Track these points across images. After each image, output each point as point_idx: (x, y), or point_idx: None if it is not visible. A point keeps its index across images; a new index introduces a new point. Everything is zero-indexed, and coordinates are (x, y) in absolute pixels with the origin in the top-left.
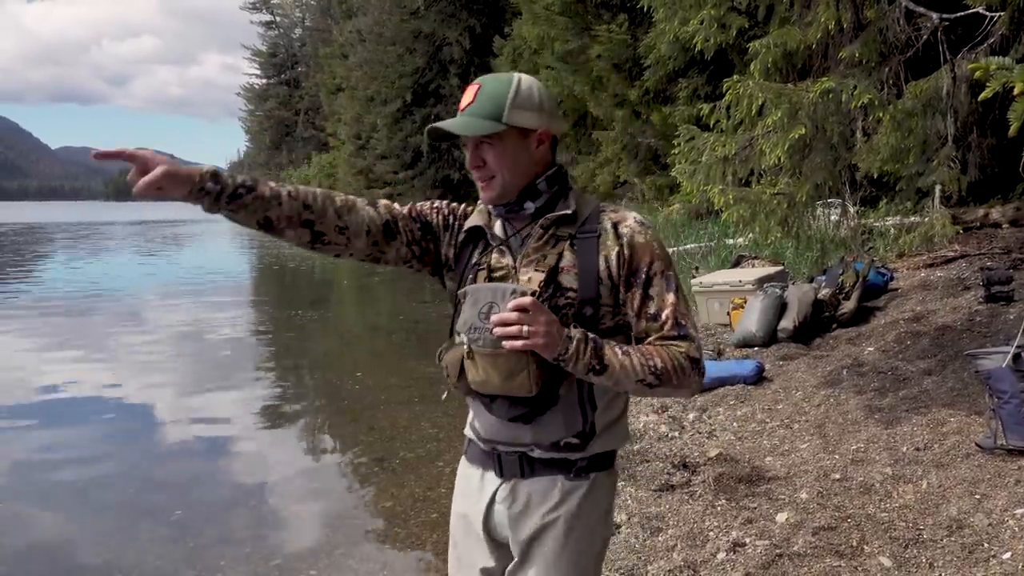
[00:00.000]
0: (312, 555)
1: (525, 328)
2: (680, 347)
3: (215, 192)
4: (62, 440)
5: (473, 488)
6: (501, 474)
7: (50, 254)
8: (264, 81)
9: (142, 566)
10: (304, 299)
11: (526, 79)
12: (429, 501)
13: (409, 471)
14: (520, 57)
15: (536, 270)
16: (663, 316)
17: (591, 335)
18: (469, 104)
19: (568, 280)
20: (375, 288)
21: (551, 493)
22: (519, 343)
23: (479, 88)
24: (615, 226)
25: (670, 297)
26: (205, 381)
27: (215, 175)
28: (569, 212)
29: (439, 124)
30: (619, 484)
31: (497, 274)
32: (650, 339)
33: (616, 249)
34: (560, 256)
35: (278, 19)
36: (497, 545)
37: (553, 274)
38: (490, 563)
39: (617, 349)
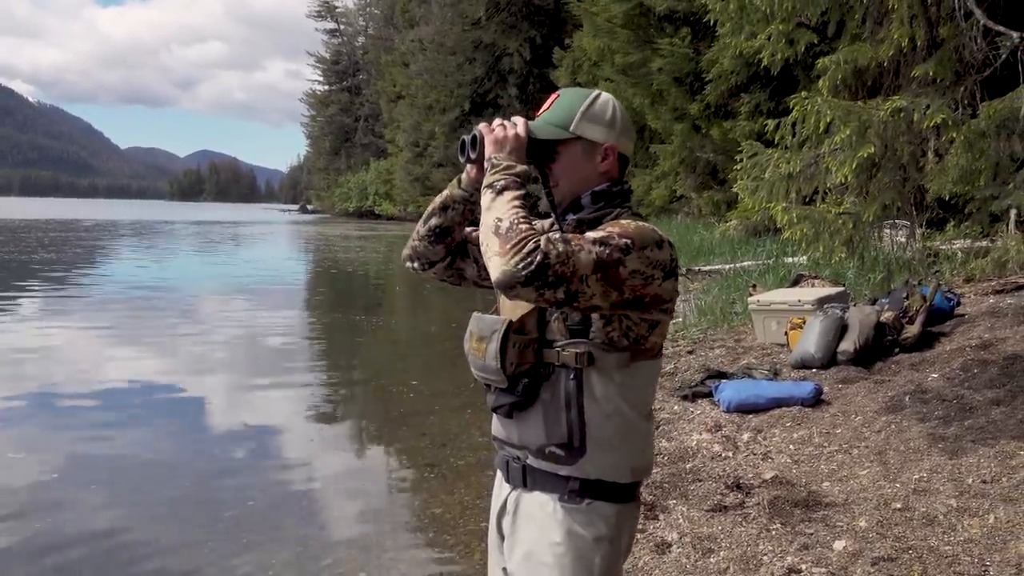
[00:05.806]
0: (362, 557)
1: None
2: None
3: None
4: (119, 433)
5: (495, 493)
6: (508, 480)
7: (121, 249)
8: (326, 87)
9: (195, 562)
10: (359, 304)
11: (605, 96)
12: (478, 509)
13: (459, 478)
14: (579, 69)
15: None
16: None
17: (519, 168)
18: (545, 111)
19: None
20: (428, 295)
21: (544, 512)
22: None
23: (557, 97)
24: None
25: (599, 234)
26: (260, 382)
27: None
28: (589, 218)
29: None
30: (671, 503)
31: None
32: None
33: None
34: None
35: (342, 27)
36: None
37: None
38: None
39: (517, 200)
